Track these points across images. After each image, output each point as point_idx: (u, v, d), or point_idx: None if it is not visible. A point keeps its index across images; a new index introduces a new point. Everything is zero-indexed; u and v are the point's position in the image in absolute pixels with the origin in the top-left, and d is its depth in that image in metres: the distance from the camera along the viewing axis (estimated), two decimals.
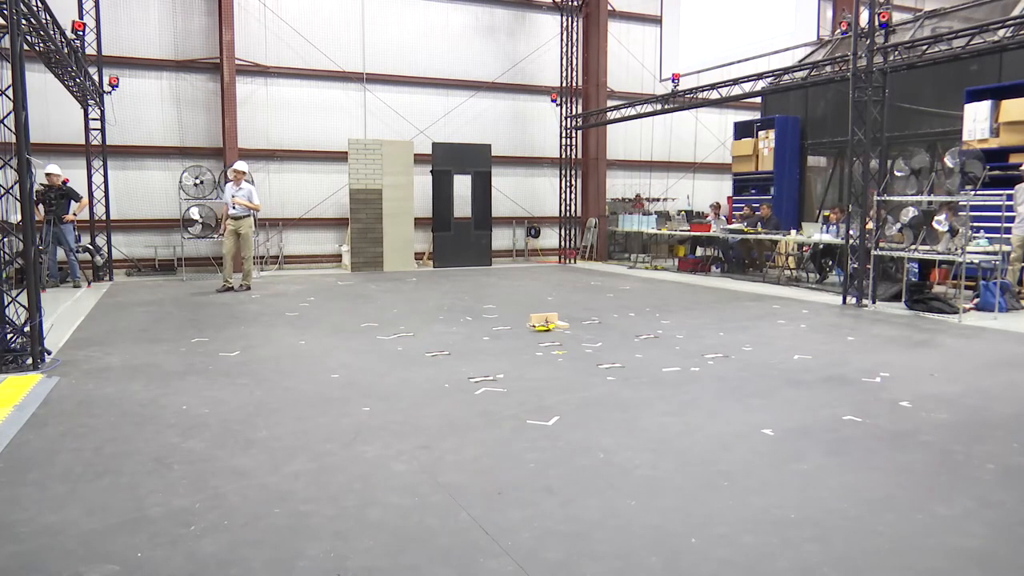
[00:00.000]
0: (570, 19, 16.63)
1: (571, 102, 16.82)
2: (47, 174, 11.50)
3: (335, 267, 15.41)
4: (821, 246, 12.35)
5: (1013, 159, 10.44)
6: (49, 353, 6.33)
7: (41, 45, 8.49)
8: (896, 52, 9.71)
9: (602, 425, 4.43)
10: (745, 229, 13.57)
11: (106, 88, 12.84)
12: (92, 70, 12.35)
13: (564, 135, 16.76)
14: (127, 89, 13.49)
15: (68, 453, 3.92)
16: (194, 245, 14.00)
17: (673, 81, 14.16)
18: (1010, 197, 9.34)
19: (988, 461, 3.83)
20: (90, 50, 12.53)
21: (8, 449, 3.99)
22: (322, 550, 2.83)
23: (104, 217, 12.92)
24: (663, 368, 5.95)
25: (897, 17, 12.90)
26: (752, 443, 4.11)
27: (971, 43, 9.21)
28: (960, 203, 8.94)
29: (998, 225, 9.01)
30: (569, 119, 16.78)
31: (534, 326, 7.63)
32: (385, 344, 6.98)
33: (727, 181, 18.08)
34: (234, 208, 11.12)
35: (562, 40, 16.66)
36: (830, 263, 12.67)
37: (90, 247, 12.60)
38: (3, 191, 6.05)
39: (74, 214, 11.96)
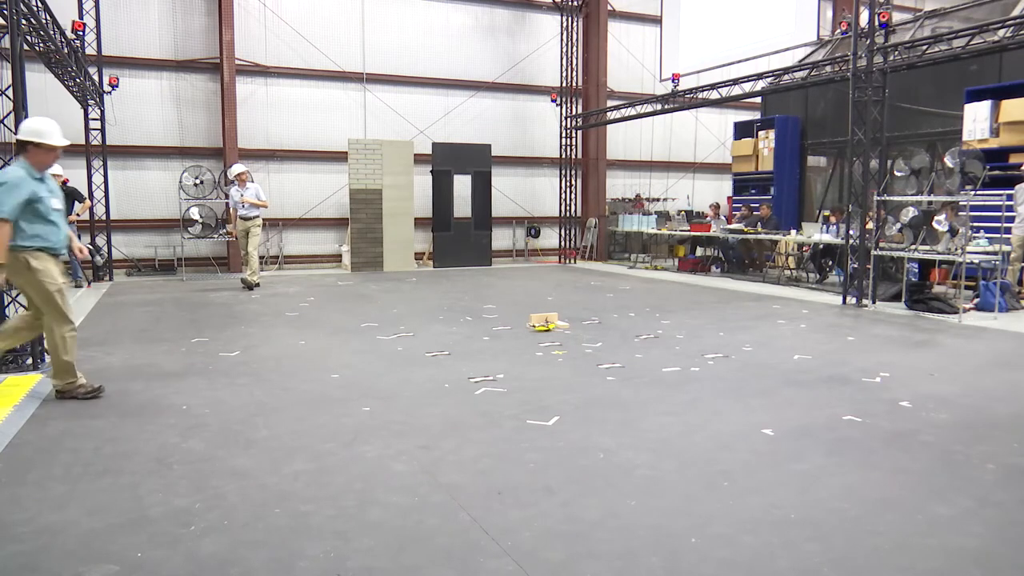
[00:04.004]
0: (570, 19, 16.63)
1: (571, 102, 16.81)
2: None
3: (335, 267, 15.41)
4: (821, 246, 12.36)
5: (1013, 159, 10.43)
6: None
7: (41, 45, 8.49)
8: (896, 52, 9.71)
9: (602, 425, 4.43)
10: (745, 229, 13.57)
11: (106, 88, 12.84)
12: (92, 70, 12.35)
13: (564, 135, 16.76)
14: (127, 89, 13.49)
15: (68, 453, 3.92)
16: (194, 245, 14.01)
17: (673, 81, 14.16)
18: (1010, 197, 9.34)
19: (988, 461, 3.83)
20: (90, 50, 12.53)
21: (8, 449, 3.99)
22: (322, 550, 2.83)
23: (104, 217, 12.92)
24: (663, 368, 5.95)
25: (897, 17, 12.91)
26: (752, 443, 4.11)
27: (971, 43, 9.21)
28: (960, 203, 8.94)
29: (998, 225, 9.01)
30: (569, 119, 16.78)
31: (534, 326, 7.63)
32: (385, 344, 6.98)
33: (727, 181, 18.08)
34: (243, 208, 11.22)
35: (562, 40, 16.66)
36: (830, 263, 12.67)
37: (90, 247, 12.59)
38: None
39: (76, 215, 11.96)
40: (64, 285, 5.02)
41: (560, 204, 17.03)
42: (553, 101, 16.71)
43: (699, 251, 15.50)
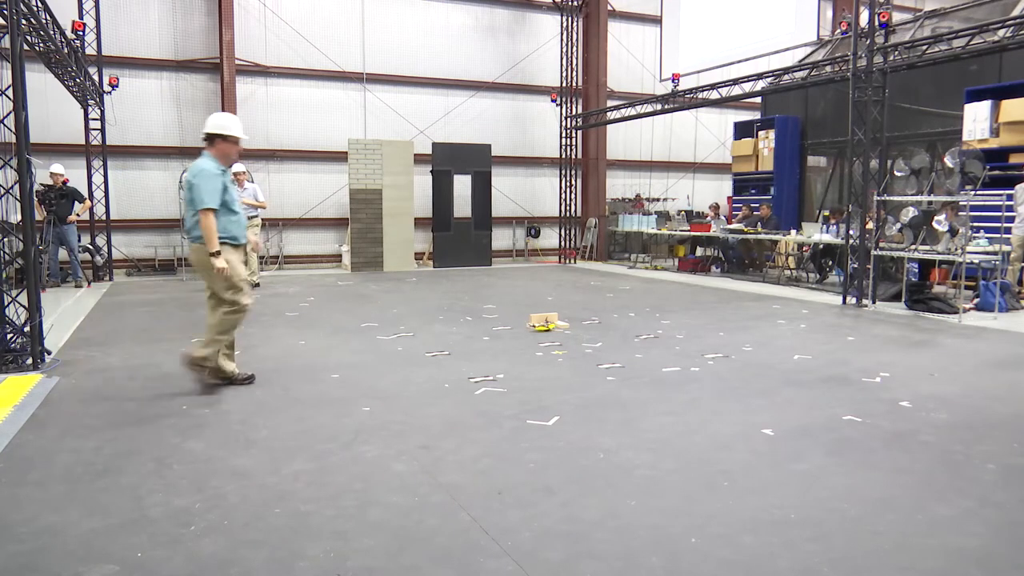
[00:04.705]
0: (570, 19, 16.63)
1: (571, 102, 16.82)
2: (51, 173, 11.51)
3: (335, 267, 15.41)
4: (821, 246, 12.36)
5: (1013, 159, 10.44)
6: (49, 353, 6.33)
7: (41, 45, 8.49)
8: (896, 52, 9.71)
9: (602, 425, 4.43)
10: (745, 229, 13.58)
11: (106, 88, 12.84)
12: (92, 70, 12.34)
13: (564, 135, 16.76)
14: (127, 89, 13.49)
15: (68, 453, 3.92)
16: None
17: (673, 81, 14.16)
18: (1010, 197, 9.34)
19: (988, 461, 3.83)
20: (90, 50, 12.53)
21: (8, 449, 3.99)
22: (322, 550, 2.83)
23: (104, 217, 12.93)
24: (663, 368, 5.95)
25: (897, 17, 12.91)
26: (752, 443, 4.11)
27: (971, 43, 9.21)
28: (960, 203, 8.94)
29: (998, 225, 9.01)
30: (569, 119, 16.78)
31: (534, 326, 7.63)
32: (385, 344, 6.98)
33: (727, 181, 18.08)
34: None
35: (562, 40, 16.66)
36: (830, 263, 12.68)
37: (90, 247, 12.60)
38: (3, 191, 6.05)
39: (77, 215, 11.96)
40: (246, 280, 5.30)
41: (560, 204, 17.04)
42: (553, 101, 16.71)
43: (699, 251, 15.50)
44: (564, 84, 16.66)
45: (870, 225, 9.77)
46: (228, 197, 5.19)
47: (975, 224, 9.69)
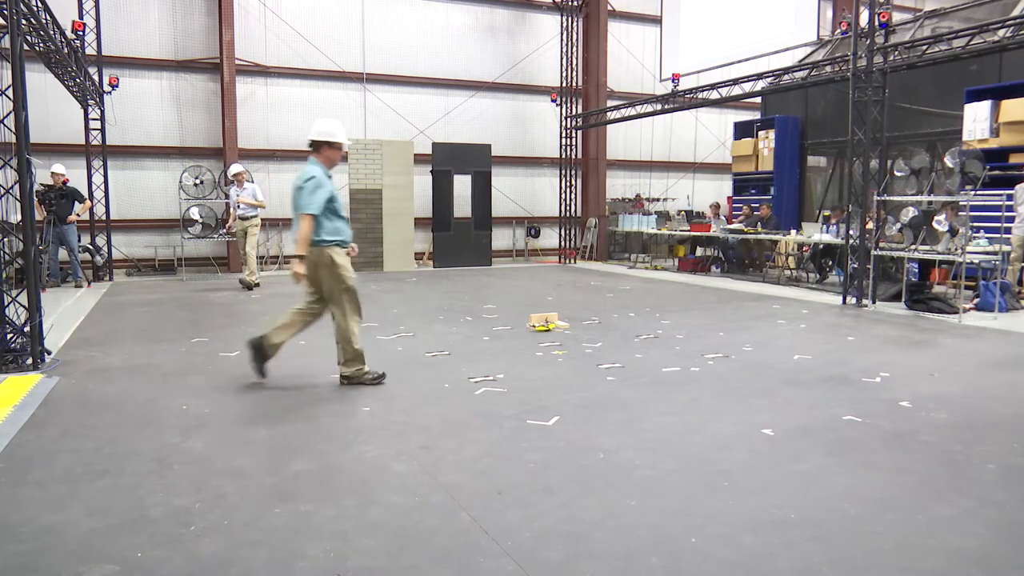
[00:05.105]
0: (570, 19, 16.63)
1: (571, 102, 16.81)
2: (52, 173, 11.52)
3: None
4: (821, 246, 12.36)
5: (1013, 159, 10.44)
6: (49, 353, 6.33)
7: (41, 45, 8.49)
8: (896, 52, 9.71)
9: (602, 425, 4.43)
10: (745, 229, 13.58)
11: (106, 88, 12.84)
12: (92, 70, 12.34)
13: (564, 135, 16.76)
14: (127, 89, 13.48)
15: (68, 453, 3.92)
16: (194, 245, 14.00)
17: (673, 81, 14.16)
18: (1010, 197, 9.34)
19: (988, 461, 3.83)
20: (90, 50, 12.53)
21: (8, 449, 3.99)
22: (322, 550, 2.83)
23: (104, 217, 12.93)
24: (663, 368, 5.95)
25: (897, 17, 12.90)
26: (752, 443, 4.11)
27: (971, 43, 9.21)
28: (960, 203, 8.94)
29: (998, 225, 9.01)
30: (569, 119, 16.78)
31: (534, 326, 7.63)
32: (385, 344, 6.98)
33: (727, 181, 18.08)
34: (239, 208, 11.27)
35: (562, 40, 16.66)
36: (830, 263, 12.68)
37: (90, 247, 12.60)
38: (3, 191, 6.05)
39: (77, 215, 11.96)
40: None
41: (560, 204, 17.03)
42: (553, 101, 16.70)
43: (699, 251, 15.50)
44: (564, 84, 16.65)
45: (870, 225, 9.77)
46: (336, 205, 5.26)
47: (975, 224, 9.68)
